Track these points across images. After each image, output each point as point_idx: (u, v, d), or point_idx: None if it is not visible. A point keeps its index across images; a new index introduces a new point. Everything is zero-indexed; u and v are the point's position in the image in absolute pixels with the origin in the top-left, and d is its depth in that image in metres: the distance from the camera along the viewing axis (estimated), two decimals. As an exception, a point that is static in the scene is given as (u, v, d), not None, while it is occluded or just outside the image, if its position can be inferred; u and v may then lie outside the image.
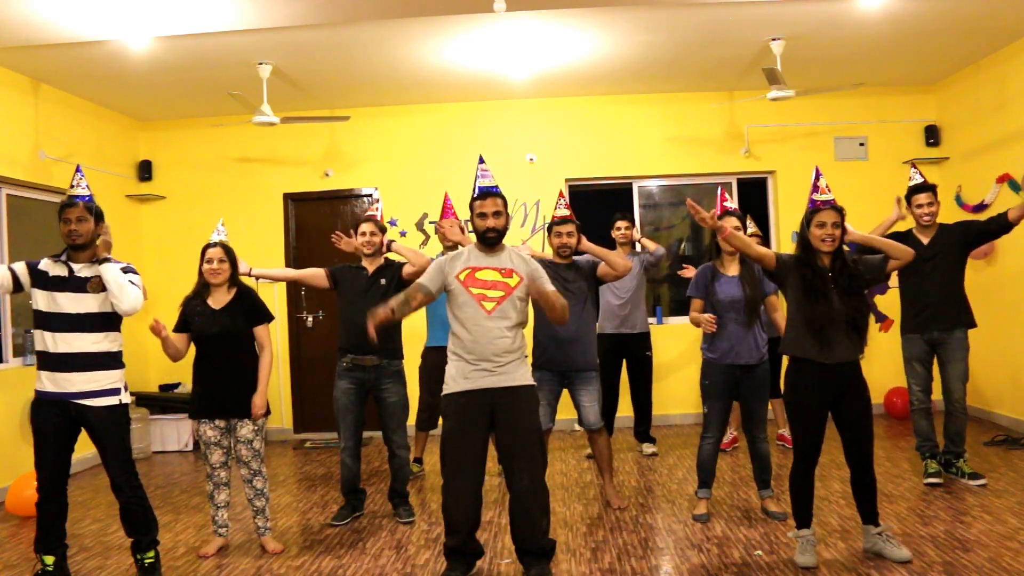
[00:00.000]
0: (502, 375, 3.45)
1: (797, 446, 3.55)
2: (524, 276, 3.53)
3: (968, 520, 4.02)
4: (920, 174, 4.76)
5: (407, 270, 4.46)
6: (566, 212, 4.49)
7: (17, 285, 3.59)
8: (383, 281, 4.48)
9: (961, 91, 6.84)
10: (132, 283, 3.59)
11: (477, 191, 3.60)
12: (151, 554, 3.71)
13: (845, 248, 3.58)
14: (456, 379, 3.50)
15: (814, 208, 3.48)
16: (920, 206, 4.64)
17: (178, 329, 4.01)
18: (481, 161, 3.72)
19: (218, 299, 4.00)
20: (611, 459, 4.73)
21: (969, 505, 4.28)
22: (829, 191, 3.50)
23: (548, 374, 4.44)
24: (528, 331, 4.27)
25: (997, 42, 6.07)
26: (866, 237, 3.65)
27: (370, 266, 4.52)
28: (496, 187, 3.60)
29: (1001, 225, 4.52)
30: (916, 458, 5.12)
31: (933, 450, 4.76)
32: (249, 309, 4.04)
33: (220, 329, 3.95)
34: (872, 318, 3.57)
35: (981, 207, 6.43)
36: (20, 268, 3.59)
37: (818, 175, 3.56)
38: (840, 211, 3.47)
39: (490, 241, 3.55)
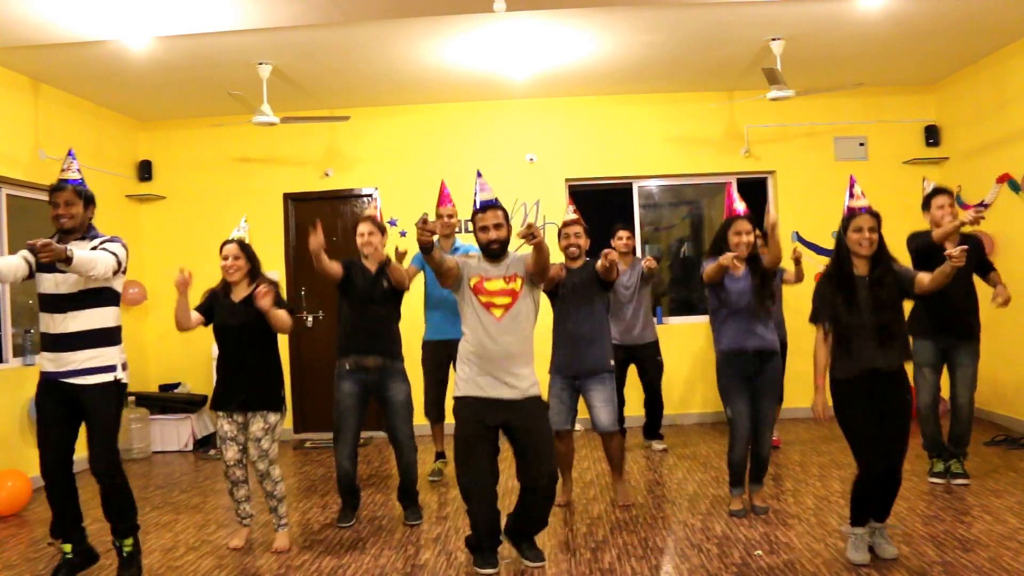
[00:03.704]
0: (512, 388, 3.57)
1: (858, 461, 3.51)
2: (523, 273, 3.63)
3: (968, 520, 4.03)
4: (933, 183, 4.83)
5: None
6: (574, 216, 4.57)
7: (31, 271, 3.57)
8: (386, 283, 4.38)
9: (961, 91, 6.84)
10: (105, 250, 3.49)
11: (478, 204, 3.69)
12: (129, 541, 3.64)
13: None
14: (468, 383, 3.61)
15: (850, 214, 3.53)
16: (942, 207, 4.64)
17: (198, 309, 4.06)
18: (479, 175, 3.77)
19: (239, 293, 4.06)
20: (622, 461, 4.69)
21: (969, 505, 4.28)
22: (864, 197, 3.56)
23: (561, 377, 4.44)
24: (546, 333, 4.31)
25: (997, 42, 6.07)
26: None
27: (372, 266, 4.42)
28: (495, 199, 3.69)
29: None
30: (915, 459, 5.11)
31: (940, 451, 4.78)
32: None
33: (239, 321, 3.99)
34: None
35: (981, 207, 6.43)
36: (29, 255, 3.56)
37: (852, 183, 3.63)
38: (876, 216, 3.50)
39: (494, 253, 3.67)
